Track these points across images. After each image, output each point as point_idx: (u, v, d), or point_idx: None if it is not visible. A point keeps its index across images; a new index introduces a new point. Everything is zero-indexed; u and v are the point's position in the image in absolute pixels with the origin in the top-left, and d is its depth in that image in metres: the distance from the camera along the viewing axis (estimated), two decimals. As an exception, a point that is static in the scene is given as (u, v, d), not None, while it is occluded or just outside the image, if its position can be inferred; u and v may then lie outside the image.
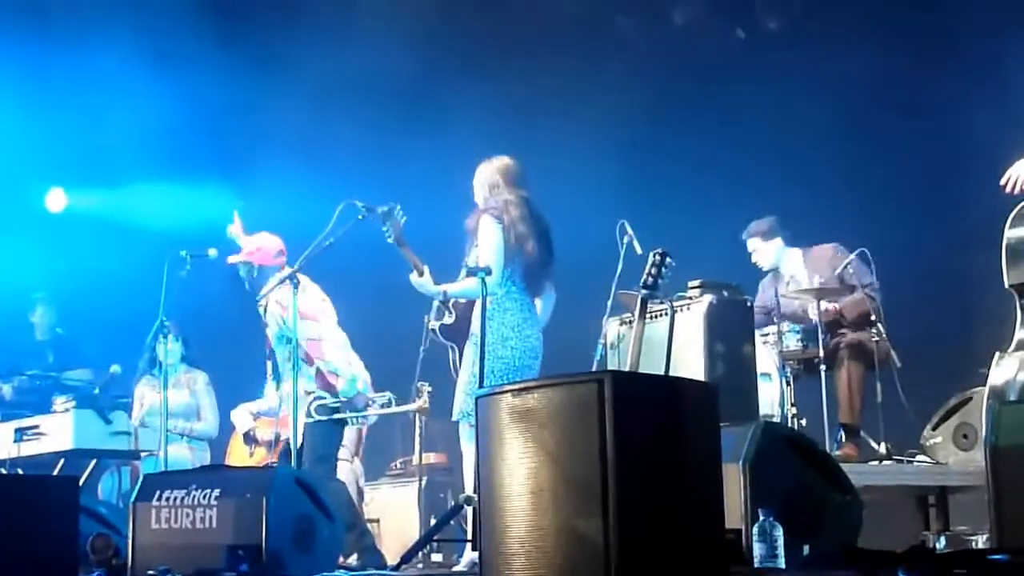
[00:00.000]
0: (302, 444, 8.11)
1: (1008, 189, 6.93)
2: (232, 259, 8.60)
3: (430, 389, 9.64)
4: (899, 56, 10.85)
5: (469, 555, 7.14)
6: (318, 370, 8.39)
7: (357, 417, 8.46)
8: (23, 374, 10.51)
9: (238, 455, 10.23)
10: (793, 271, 9.39)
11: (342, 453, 9.94)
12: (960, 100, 10.37)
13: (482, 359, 7.33)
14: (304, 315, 8.24)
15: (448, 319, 8.14)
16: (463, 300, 8.04)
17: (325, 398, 8.33)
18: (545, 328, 8.19)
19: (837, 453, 8.50)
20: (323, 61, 11.74)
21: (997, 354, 6.84)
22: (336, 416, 8.31)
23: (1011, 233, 6.81)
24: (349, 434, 10.02)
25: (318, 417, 8.25)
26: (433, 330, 8.32)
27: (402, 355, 9.30)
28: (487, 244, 7.82)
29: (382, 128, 11.68)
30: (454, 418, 7.92)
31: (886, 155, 11.13)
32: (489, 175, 8.08)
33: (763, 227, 9.54)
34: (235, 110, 11.61)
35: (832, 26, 11.20)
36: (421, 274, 8.03)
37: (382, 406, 8.69)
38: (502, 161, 8.11)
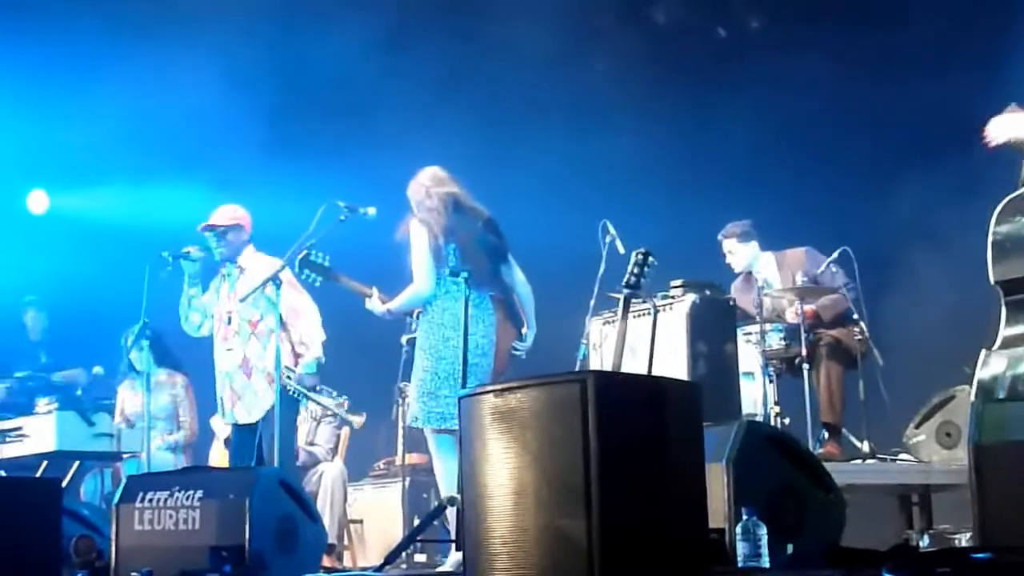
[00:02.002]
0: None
1: (990, 144, 6.94)
2: (216, 222, 8.61)
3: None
4: (884, 54, 10.87)
5: (454, 555, 7.13)
6: (290, 342, 8.44)
7: (302, 394, 8.43)
8: (14, 375, 10.52)
9: (219, 461, 10.21)
10: (767, 275, 9.39)
11: (325, 453, 9.96)
12: (943, 98, 10.38)
13: (465, 361, 7.29)
14: (293, 285, 8.34)
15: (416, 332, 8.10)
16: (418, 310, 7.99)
17: (292, 373, 8.35)
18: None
19: (820, 452, 8.51)
20: (305, 61, 11.75)
21: (983, 352, 6.83)
22: (290, 383, 8.29)
23: (996, 229, 6.77)
24: (326, 433, 10.03)
25: (290, 384, 8.27)
26: (403, 344, 8.33)
27: (384, 356, 9.31)
28: (413, 249, 7.78)
29: (364, 130, 11.67)
30: (408, 423, 7.90)
31: (869, 153, 11.14)
32: (416, 187, 7.98)
33: (739, 229, 9.54)
34: (217, 111, 11.57)
35: (815, 24, 11.22)
36: (370, 297, 8.02)
37: (330, 396, 8.75)
38: (427, 170, 8.02)
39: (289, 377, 8.23)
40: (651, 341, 7.64)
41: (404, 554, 8.48)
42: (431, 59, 11.63)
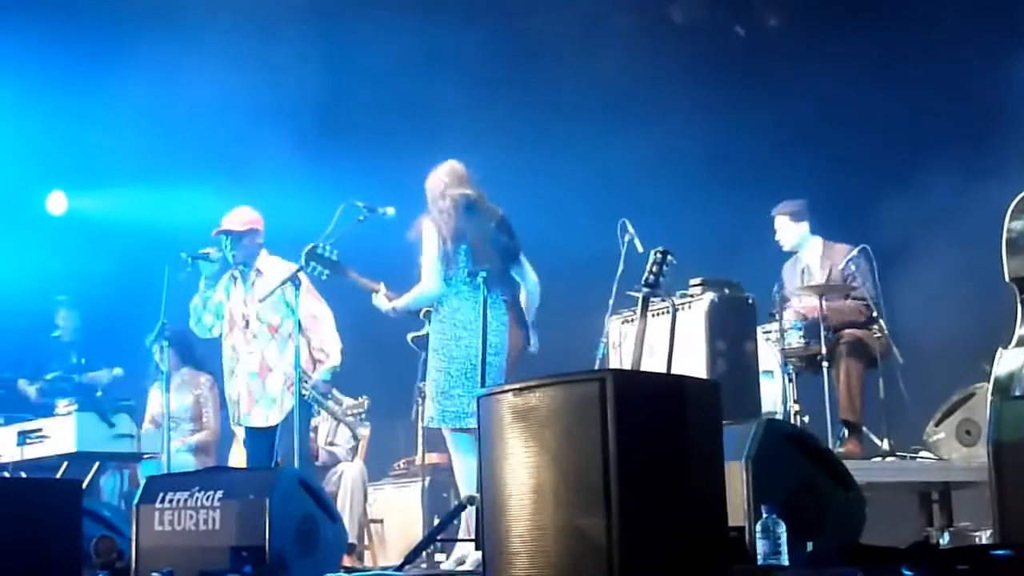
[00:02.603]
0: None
1: None
2: (230, 226, 8.57)
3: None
4: (899, 54, 10.85)
5: (474, 555, 7.14)
6: (309, 347, 8.44)
7: (317, 400, 8.44)
8: (46, 375, 10.56)
9: (240, 463, 10.22)
10: (809, 260, 9.37)
11: (345, 453, 9.97)
12: (958, 95, 10.35)
13: (483, 360, 7.30)
14: (309, 291, 8.36)
15: (424, 330, 8.09)
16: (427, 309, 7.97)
17: (308, 378, 8.35)
18: (546, 324, 8.14)
19: (839, 450, 8.48)
20: (325, 62, 11.76)
21: (1000, 349, 6.82)
22: (306, 388, 8.28)
23: (1011, 226, 6.75)
24: (346, 433, 10.03)
25: (306, 389, 8.29)
26: (409, 342, 8.33)
27: (403, 356, 9.30)
28: (424, 249, 7.79)
29: (384, 129, 11.68)
30: (425, 424, 7.89)
31: (887, 150, 11.12)
32: (435, 182, 7.96)
33: (791, 208, 9.48)
34: (235, 111, 11.58)
35: (833, 23, 11.20)
36: (377, 293, 8.00)
37: (349, 409, 8.79)
38: (445, 165, 8.00)
39: (305, 383, 8.23)
40: (670, 340, 7.62)
41: (424, 553, 8.49)
42: (451, 60, 11.63)
